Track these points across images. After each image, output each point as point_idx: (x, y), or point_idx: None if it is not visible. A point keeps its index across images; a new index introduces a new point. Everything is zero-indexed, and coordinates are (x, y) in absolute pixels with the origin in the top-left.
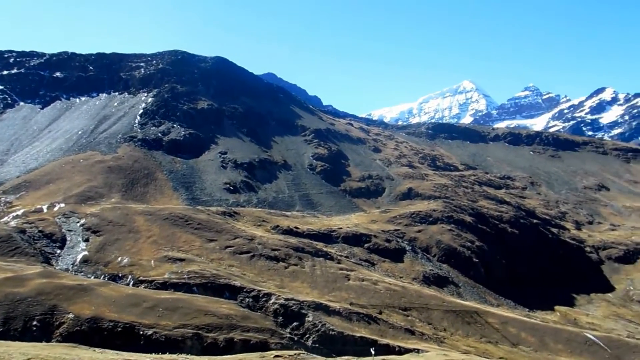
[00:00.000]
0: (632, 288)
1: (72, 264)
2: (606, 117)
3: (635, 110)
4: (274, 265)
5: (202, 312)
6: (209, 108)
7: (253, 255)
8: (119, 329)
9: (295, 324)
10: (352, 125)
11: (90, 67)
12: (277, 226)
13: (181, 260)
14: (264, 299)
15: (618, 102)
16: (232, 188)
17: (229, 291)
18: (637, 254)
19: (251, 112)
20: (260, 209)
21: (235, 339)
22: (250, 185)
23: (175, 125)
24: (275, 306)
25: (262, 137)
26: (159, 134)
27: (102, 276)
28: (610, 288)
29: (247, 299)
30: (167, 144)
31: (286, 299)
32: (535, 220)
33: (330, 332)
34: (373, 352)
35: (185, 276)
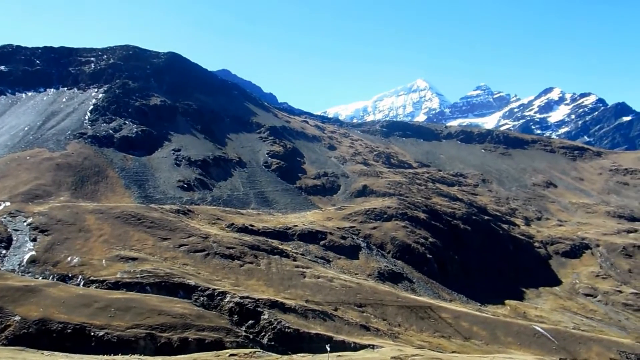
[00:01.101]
0: (577, 281)
1: (19, 264)
2: (554, 116)
3: (581, 110)
4: (229, 264)
5: (156, 311)
6: (162, 104)
7: (208, 253)
8: (69, 331)
9: (250, 322)
10: (307, 122)
11: (37, 61)
12: (232, 224)
13: (134, 259)
14: (219, 297)
15: (565, 102)
16: (186, 186)
17: (183, 290)
18: (583, 248)
19: (205, 109)
20: (214, 207)
21: (189, 339)
22: (205, 182)
23: (127, 122)
24: (231, 305)
25: (216, 134)
26: (110, 131)
27: (51, 277)
28: (557, 282)
29: (201, 298)
30: (119, 141)
31: (241, 297)
32: (486, 217)
33: (286, 330)
34: (328, 349)
35: (138, 275)
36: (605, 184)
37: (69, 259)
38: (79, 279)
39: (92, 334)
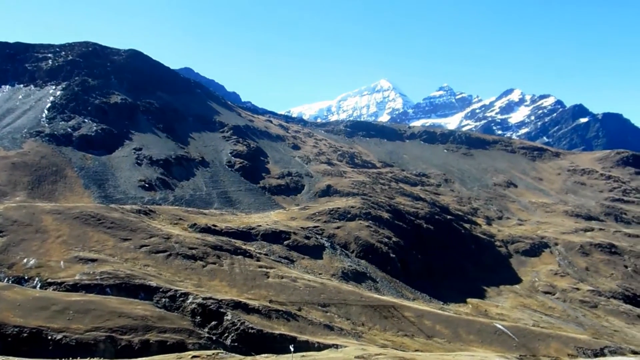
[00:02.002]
0: (537, 279)
1: None
2: (514, 117)
3: (541, 111)
4: (192, 264)
5: (116, 313)
6: (123, 103)
7: (170, 254)
8: (25, 335)
9: (213, 323)
10: (271, 122)
11: None
12: (195, 224)
13: (93, 260)
14: (181, 298)
15: (525, 103)
16: (147, 185)
17: (144, 292)
18: (542, 247)
19: (167, 108)
20: (177, 207)
21: (151, 341)
22: (167, 182)
23: (86, 120)
24: (193, 306)
25: (179, 133)
26: (69, 129)
27: (6, 279)
28: (517, 280)
29: (163, 299)
30: (78, 140)
31: (204, 298)
32: (449, 216)
33: (250, 331)
34: (292, 349)
35: (97, 277)
36: (564, 183)
37: (25, 260)
38: (35, 281)
39: (50, 337)
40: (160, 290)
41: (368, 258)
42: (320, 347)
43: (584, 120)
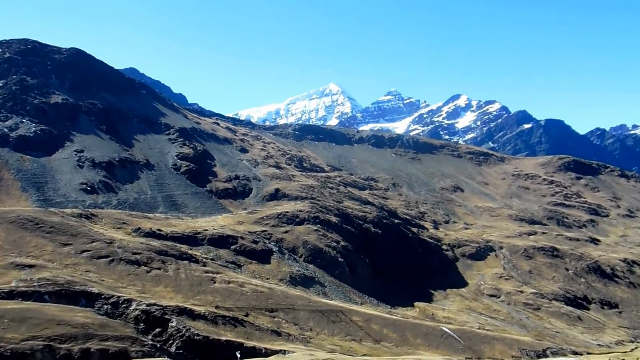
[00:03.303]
0: (482, 283)
1: None
2: (461, 122)
3: (486, 117)
4: (135, 270)
5: (55, 321)
6: (64, 103)
7: (112, 259)
8: None
9: (157, 330)
10: (218, 124)
11: None
12: (139, 228)
13: (31, 266)
14: (124, 305)
15: (471, 109)
16: (89, 188)
17: (85, 298)
18: (488, 251)
19: (111, 109)
20: (120, 211)
21: (92, 349)
22: (110, 185)
23: (24, 121)
24: (137, 312)
25: (122, 134)
26: (5, 130)
27: None
28: (464, 283)
29: (105, 306)
30: (15, 141)
31: (148, 305)
32: (396, 220)
33: (195, 337)
34: (239, 356)
35: (35, 284)
36: (508, 188)
37: None
38: None
39: None
40: (102, 296)
41: (316, 262)
42: (268, 353)
43: (527, 126)
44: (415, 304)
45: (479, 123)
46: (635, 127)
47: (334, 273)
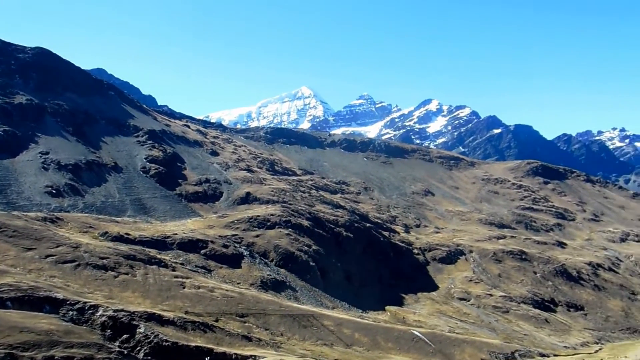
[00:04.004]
0: (453, 286)
1: None
2: (432, 127)
3: (457, 122)
4: (102, 275)
5: (17, 329)
6: (29, 103)
7: (78, 264)
8: None
9: (125, 336)
10: (189, 127)
11: None
12: (106, 233)
13: None
14: (91, 311)
15: (442, 114)
16: (54, 192)
17: (49, 304)
18: (458, 254)
19: (78, 110)
20: (87, 215)
21: (56, 357)
22: (76, 188)
23: None
24: (103, 318)
25: (90, 136)
26: None
27: None
28: (434, 287)
29: (70, 312)
30: None
31: (115, 310)
32: (368, 224)
33: (164, 343)
34: None
35: None
36: (478, 192)
37: None
38: None
39: None
40: (68, 302)
41: (288, 267)
42: (238, 359)
43: (497, 131)
44: (387, 307)
45: (449, 128)
46: (600, 133)
47: (306, 277)
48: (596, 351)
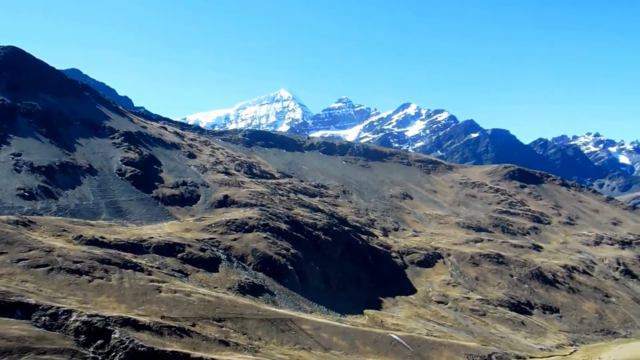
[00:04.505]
0: (430, 290)
1: None
2: (411, 131)
3: (435, 126)
4: (76, 279)
5: None
6: (0, 104)
7: (52, 268)
8: None
9: (99, 342)
10: (166, 129)
11: None
12: (81, 236)
13: None
14: (64, 316)
15: (421, 117)
16: (27, 194)
17: (21, 310)
18: (436, 258)
19: (52, 111)
20: (60, 218)
21: None
22: (49, 191)
23: None
24: (77, 324)
25: (64, 138)
26: None
27: None
28: (412, 290)
29: (43, 318)
30: None
31: (89, 316)
32: (346, 228)
33: (139, 349)
34: None
35: None
36: (456, 196)
37: None
38: None
39: None
40: (40, 307)
41: (266, 270)
42: None
43: (474, 135)
44: (365, 311)
45: (428, 131)
46: (575, 137)
47: (284, 281)
48: (571, 353)
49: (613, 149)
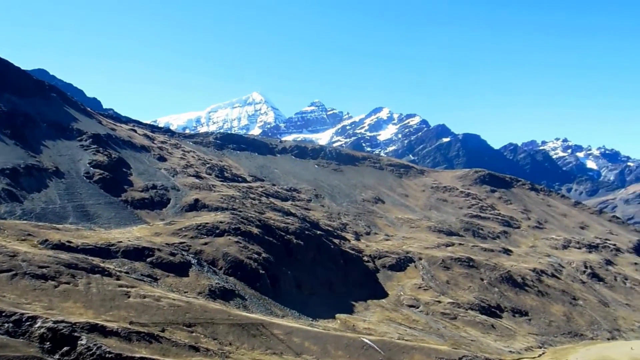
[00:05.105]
0: (402, 293)
1: None
2: (383, 135)
3: (407, 130)
4: (42, 285)
5: None
6: None
7: (15, 273)
8: None
9: (65, 349)
10: (135, 131)
11: None
12: (46, 240)
13: None
14: (28, 323)
15: (393, 122)
16: None
17: None
18: (407, 262)
19: (16, 112)
20: (25, 222)
21: None
22: (14, 194)
23: None
24: (42, 330)
25: (30, 140)
26: None
27: None
28: (384, 294)
29: (6, 325)
30: None
31: (55, 322)
32: (319, 232)
33: (107, 355)
34: None
35: None
36: (427, 200)
37: None
38: None
39: None
40: (3, 314)
41: (237, 275)
42: None
43: (446, 139)
44: (337, 315)
45: (400, 136)
46: (544, 143)
47: (255, 285)
48: (539, 355)
49: (581, 154)
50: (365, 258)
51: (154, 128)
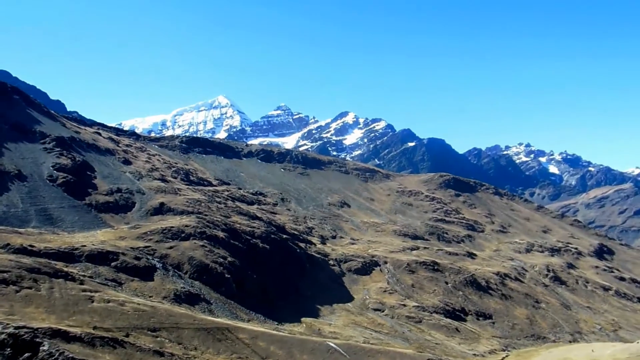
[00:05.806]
0: (368, 297)
1: None
2: (349, 139)
3: (373, 134)
4: (3, 290)
5: None
6: None
7: None
8: None
9: (27, 355)
10: (100, 134)
11: None
12: (8, 244)
13: None
14: None
15: (359, 126)
16: None
17: None
18: (373, 265)
19: None
20: None
21: None
22: None
23: None
24: (2, 336)
25: None
26: None
27: None
28: (350, 298)
29: None
30: None
31: (16, 327)
32: (285, 236)
33: None
34: None
35: None
36: (393, 204)
37: None
38: None
39: None
40: None
41: (202, 279)
42: None
43: (411, 144)
44: (302, 319)
45: (365, 140)
46: (507, 148)
47: (221, 290)
48: (503, 358)
49: (543, 159)
50: (331, 262)
51: (119, 131)
